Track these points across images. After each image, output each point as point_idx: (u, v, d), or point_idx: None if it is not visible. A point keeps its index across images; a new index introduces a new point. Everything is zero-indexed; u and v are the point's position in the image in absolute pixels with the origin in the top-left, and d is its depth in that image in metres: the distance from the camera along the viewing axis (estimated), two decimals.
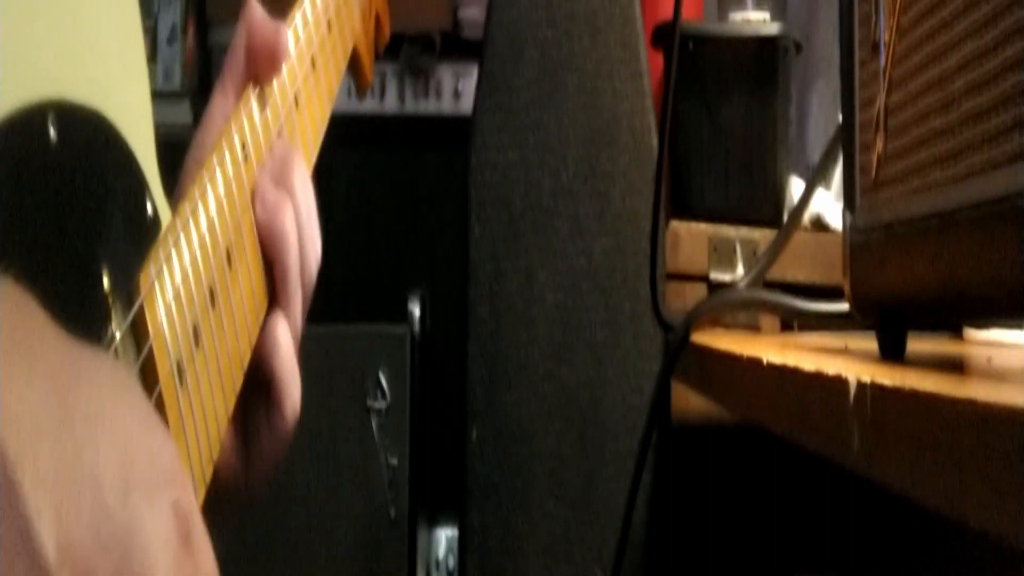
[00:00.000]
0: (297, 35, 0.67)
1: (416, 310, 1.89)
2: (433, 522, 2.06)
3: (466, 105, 1.98)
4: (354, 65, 0.80)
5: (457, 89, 2.29)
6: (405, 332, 1.86)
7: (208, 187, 0.54)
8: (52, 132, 0.47)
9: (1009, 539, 0.35)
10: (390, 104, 2.30)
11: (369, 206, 2.31)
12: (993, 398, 0.38)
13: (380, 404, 1.83)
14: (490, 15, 1.57)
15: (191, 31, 2.33)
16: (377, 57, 0.85)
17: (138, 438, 0.35)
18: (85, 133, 0.50)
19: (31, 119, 0.46)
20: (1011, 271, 0.45)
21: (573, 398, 1.52)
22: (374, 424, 1.83)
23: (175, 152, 0.60)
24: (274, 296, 0.58)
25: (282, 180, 0.59)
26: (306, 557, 1.80)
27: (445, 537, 2.08)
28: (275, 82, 0.64)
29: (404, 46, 2.26)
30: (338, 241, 0.66)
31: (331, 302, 0.68)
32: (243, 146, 0.58)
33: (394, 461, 1.82)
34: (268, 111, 0.62)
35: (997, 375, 0.58)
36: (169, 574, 0.34)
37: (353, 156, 2.29)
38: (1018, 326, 0.76)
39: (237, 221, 0.56)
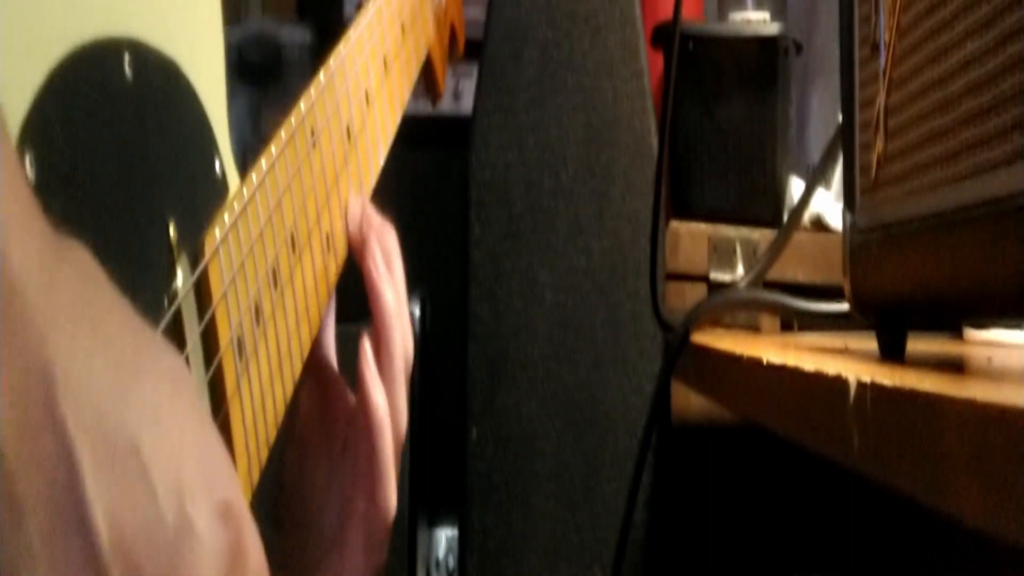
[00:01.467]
0: (371, 31, 0.66)
1: (416, 310, 1.88)
2: (433, 522, 2.06)
3: (466, 105, 1.98)
4: (427, 73, 0.79)
5: (457, 89, 2.28)
6: None
7: (276, 166, 0.53)
8: (128, 71, 0.46)
9: (1008, 539, 0.35)
10: None
11: None
12: (993, 398, 0.38)
13: None
14: (490, 15, 1.57)
15: None
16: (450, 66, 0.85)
17: (191, 437, 0.35)
18: (159, 78, 0.49)
19: (107, 53, 0.45)
20: (1011, 271, 0.45)
21: (573, 398, 1.52)
22: None
23: None
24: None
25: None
26: None
27: (445, 537, 2.08)
28: (346, 74, 0.63)
29: None
30: None
31: None
32: (312, 132, 0.58)
33: None
34: (339, 102, 0.61)
35: (997, 375, 0.58)
36: None
37: None
38: (1018, 326, 0.76)
39: (303, 207, 0.55)
